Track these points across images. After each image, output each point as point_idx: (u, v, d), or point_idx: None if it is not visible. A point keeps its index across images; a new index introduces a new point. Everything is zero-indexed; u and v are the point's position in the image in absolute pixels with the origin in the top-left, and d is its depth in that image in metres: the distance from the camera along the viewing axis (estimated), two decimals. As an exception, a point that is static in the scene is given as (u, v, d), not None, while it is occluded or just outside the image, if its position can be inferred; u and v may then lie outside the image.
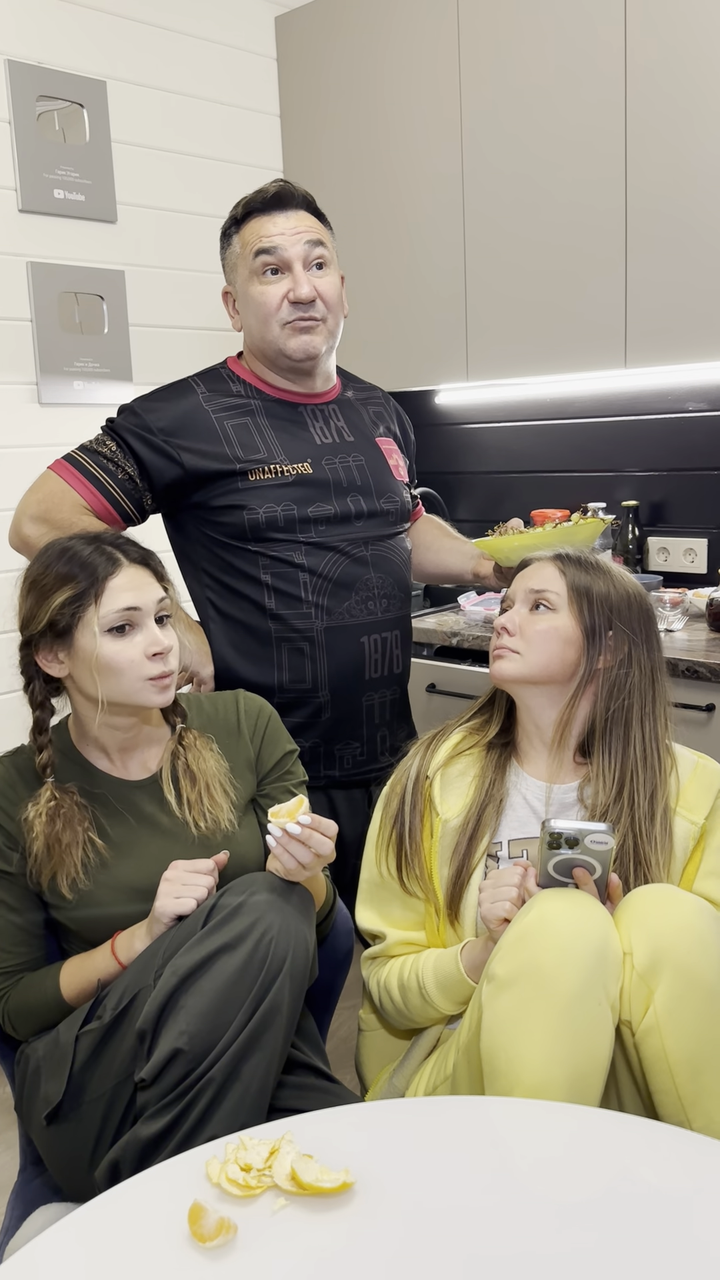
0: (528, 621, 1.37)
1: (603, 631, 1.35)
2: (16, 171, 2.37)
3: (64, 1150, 1.24)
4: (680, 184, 2.14)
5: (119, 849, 1.32)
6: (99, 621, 1.26)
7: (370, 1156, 0.98)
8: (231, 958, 1.13)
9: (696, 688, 1.99)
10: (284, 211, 1.64)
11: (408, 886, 1.39)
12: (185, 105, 2.69)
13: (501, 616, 1.40)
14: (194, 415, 1.65)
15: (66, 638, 1.28)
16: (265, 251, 1.62)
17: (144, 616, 1.30)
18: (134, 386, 2.61)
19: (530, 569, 1.42)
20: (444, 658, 2.39)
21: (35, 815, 1.29)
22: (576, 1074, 1.09)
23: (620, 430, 2.64)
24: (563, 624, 1.35)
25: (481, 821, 1.36)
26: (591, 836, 1.19)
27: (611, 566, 1.41)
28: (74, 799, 1.32)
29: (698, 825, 1.35)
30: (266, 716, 1.46)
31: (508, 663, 1.36)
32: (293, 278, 1.63)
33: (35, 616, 1.29)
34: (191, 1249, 0.87)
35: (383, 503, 1.73)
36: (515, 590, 1.41)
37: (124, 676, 1.28)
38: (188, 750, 1.38)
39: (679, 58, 2.10)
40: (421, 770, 1.41)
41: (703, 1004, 1.11)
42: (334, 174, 2.79)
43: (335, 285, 1.67)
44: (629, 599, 1.37)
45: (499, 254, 2.47)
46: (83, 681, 1.30)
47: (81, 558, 1.29)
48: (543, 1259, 0.85)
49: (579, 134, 2.27)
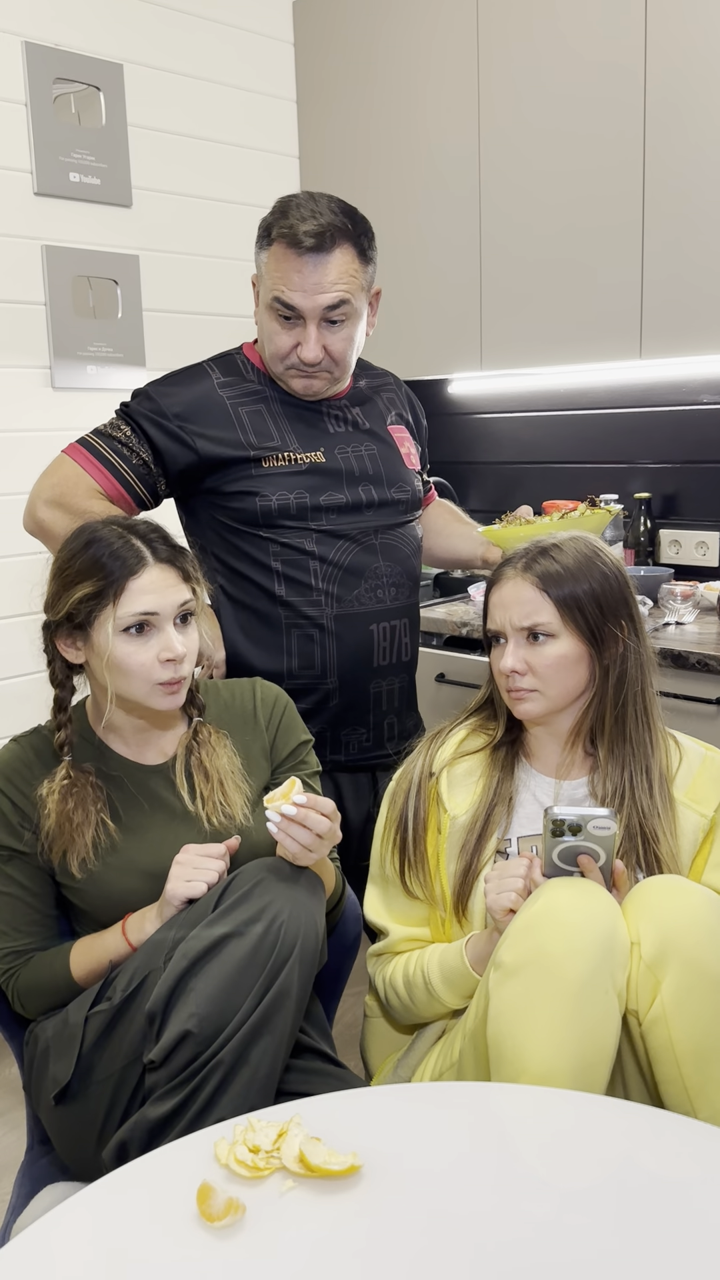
0: (532, 655, 1.32)
1: (603, 633, 1.32)
2: (32, 154, 2.36)
3: (72, 1130, 1.24)
4: (699, 175, 2.13)
5: (131, 831, 1.33)
6: (115, 622, 1.26)
7: (378, 1140, 0.98)
8: (242, 942, 1.14)
9: (707, 680, 1.98)
10: (316, 256, 1.55)
11: (410, 889, 1.40)
12: (202, 89, 2.68)
13: (504, 660, 1.32)
14: (208, 401, 1.65)
15: (84, 630, 1.29)
16: (281, 303, 1.58)
17: (162, 620, 1.28)
18: (147, 371, 2.61)
19: (506, 595, 1.34)
20: (453, 647, 2.39)
21: (49, 792, 1.29)
22: (582, 1062, 1.09)
23: (634, 422, 2.63)
24: (567, 647, 1.31)
25: (490, 820, 1.36)
26: (594, 822, 1.19)
27: (575, 548, 1.34)
28: (90, 779, 1.32)
29: (707, 818, 1.35)
30: (283, 706, 1.47)
31: (532, 704, 1.33)
32: (304, 333, 1.59)
33: (55, 605, 1.29)
34: (200, 1228, 0.88)
35: (394, 492, 1.73)
36: (501, 624, 1.34)
37: (134, 679, 1.28)
38: (201, 746, 1.38)
39: (699, 47, 2.08)
40: (426, 768, 1.41)
41: (710, 995, 1.11)
42: (349, 160, 2.78)
43: (348, 339, 1.63)
44: (608, 583, 1.32)
45: (514, 243, 2.46)
46: (97, 673, 1.31)
47: (108, 552, 1.27)
48: (547, 1245, 0.86)
49: (597, 122, 2.26)
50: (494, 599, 1.36)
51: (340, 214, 1.58)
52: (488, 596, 1.38)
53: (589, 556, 1.33)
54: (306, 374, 1.64)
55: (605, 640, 1.32)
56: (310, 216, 1.56)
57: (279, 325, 1.61)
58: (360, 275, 1.61)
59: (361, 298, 1.63)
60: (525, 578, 1.33)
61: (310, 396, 1.68)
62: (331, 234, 1.56)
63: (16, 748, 1.36)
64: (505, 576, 1.35)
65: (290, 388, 1.67)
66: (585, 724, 1.37)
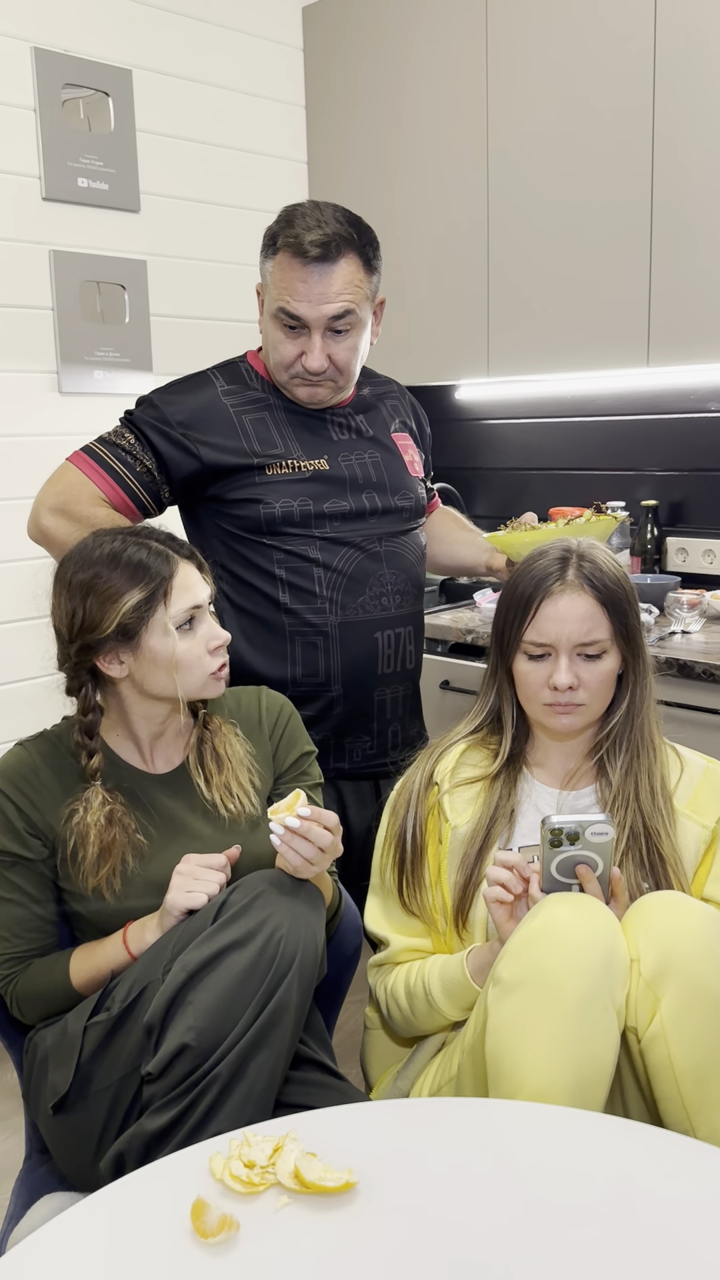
0: (585, 670, 1.30)
1: (639, 647, 1.34)
2: (41, 159, 2.37)
3: (70, 1140, 1.24)
4: (706, 182, 2.12)
5: (153, 853, 1.33)
6: (170, 620, 1.28)
7: (374, 1157, 0.98)
8: (241, 954, 1.14)
9: (713, 691, 1.97)
10: (321, 266, 1.55)
11: (408, 908, 1.39)
12: (210, 95, 2.68)
13: (559, 676, 1.28)
14: (212, 409, 1.65)
15: (132, 640, 1.29)
16: (286, 313, 1.58)
17: (203, 612, 1.33)
18: (154, 376, 2.61)
19: (564, 609, 1.28)
20: (458, 655, 2.39)
21: (92, 821, 1.29)
22: (581, 1079, 1.09)
23: (641, 429, 2.63)
24: (614, 663, 1.33)
25: (492, 832, 1.35)
26: (592, 828, 1.19)
27: (603, 557, 1.33)
28: (120, 801, 1.32)
29: (708, 829, 1.34)
30: (288, 715, 1.47)
31: (577, 717, 1.32)
32: (309, 342, 1.60)
33: (101, 623, 1.27)
34: (194, 1245, 0.88)
35: (397, 499, 1.73)
36: (555, 637, 1.29)
37: (192, 671, 1.32)
38: (214, 735, 1.39)
39: (708, 54, 2.08)
40: (426, 779, 1.40)
41: (709, 1013, 1.11)
42: (358, 166, 2.78)
43: (353, 349, 1.63)
44: (630, 594, 1.33)
45: (522, 249, 2.45)
46: (145, 680, 1.31)
47: (139, 560, 1.28)
48: (544, 1262, 0.85)
49: (605, 130, 2.25)
50: (548, 611, 1.29)
51: (346, 223, 1.58)
52: (534, 608, 1.30)
53: (616, 563, 1.34)
54: (311, 383, 1.64)
55: (638, 654, 1.34)
56: (316, 226, 1.55)
57: (284, 334, 1.61)
58: (365, 285, 1.61)
59: (366, 307, 1.63)
60: (584, 590, 1.29)
61: (315, 405, 1.69)
62: (337, 244, 1.55)
63: (23, 753, 1.35)
64: (558, 590, 1.29)
65: (295, 396, 1.67)
66: (601, 735, 1.37)
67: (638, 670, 1.35)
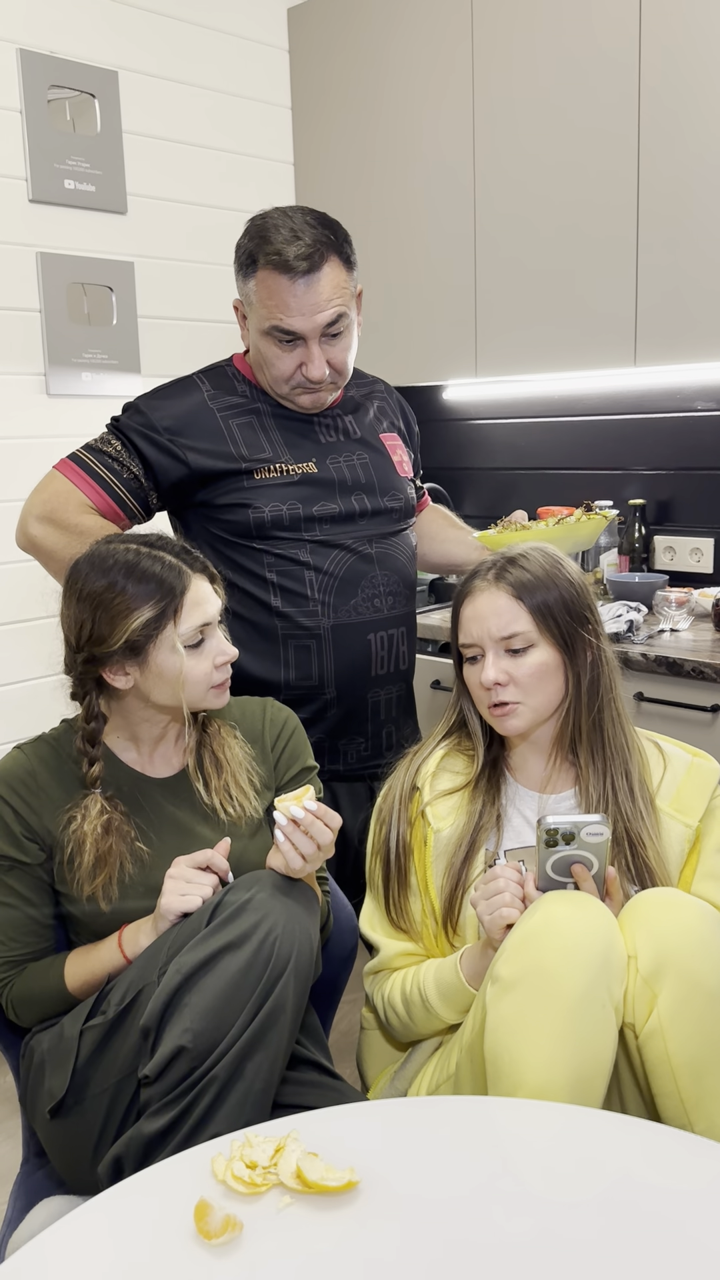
0: (512, 666, 1.32)
1: (575, 640, 1.33)
2: (27, 161, 2.36)
3: (67, 1144, 1.24)
4: (693, 182, 2.13)
5: (153, 858, 1.33)
6: (179, 639, 1.28)
7: (376, 1155, 0.98)
8: (236, 956, 1.14)
9: (701, 688, 1.99)
10: (308, 278, 1.54)
11: (396, 922, 1.40)
12: (197, 96, 2.68)
13: (486, 673, 1.32)
14: (199, 414, 1.65)
15: (139, 655, 1.28)
16: (281, 330, 1.57)
17: (212, 629, 1.32)
18: (142, 378, 2.60)
19: (482, 606, 1.33)
20: (449, 654, 2.39)
21: (89, 829, 1.29)
22: (579, 1076, 1.09)
23: (628, 428, 2.64)
24: (545, 655, 1.32)
25: (477, 838, 1.36)
26: (588, 829, 1.20)
27: (539, 557, 1.35)
28: (119, 809, 1.32)
29: (692, 828, 1.35)
30: (291, 729, 1.47)
31: (516, 718, 1.33)
32: (307, 352, 1.59)
33: (109, 637, 1.27)
34: (197, 1245, 0.88)
35: (387, 500, 1.73)
36: (478, 637, 1.33)
37: (196, 686, 1.31)
38: (213, 739, 1.39)
39: (693, 53, 2.09)
40: (407, 790, 1.40)
41: (706, 1008, 1.11)
42: (345, 167, 2.78)
43: (348, 348, 1.64)
44: (573, 589, 1.34)
45: (509, 249, 2.46)
46: (149, 691, 1.31)
47: (153, 575, 1.28)
48: (544, 1259, 0.86)
49: (591, 129, 2.26)
50: (467, 612, 1.35)
51: (320, 226, 1.58)
52: (458, 611, 1.37)
53: (554, 564, 1.35)
54: (314, 390, 1.65)
55: (577, 647, 1.34)
56: (294, 238, 1.54)
57: (280, 350, 1.60)
58: (349, 284, 1.62)
59: (353, 305, 1.64)
60: (499, 587, 1.33)
61: (317, 409, 1.69)
62: (320, 251, 1.55)
63: (21, 756, 1.35)
64: (476, 589, 1.35)
65: (298, 405, 1.67)
66: (566, 734, 1.37)
67: (578, 663, 1.34)
